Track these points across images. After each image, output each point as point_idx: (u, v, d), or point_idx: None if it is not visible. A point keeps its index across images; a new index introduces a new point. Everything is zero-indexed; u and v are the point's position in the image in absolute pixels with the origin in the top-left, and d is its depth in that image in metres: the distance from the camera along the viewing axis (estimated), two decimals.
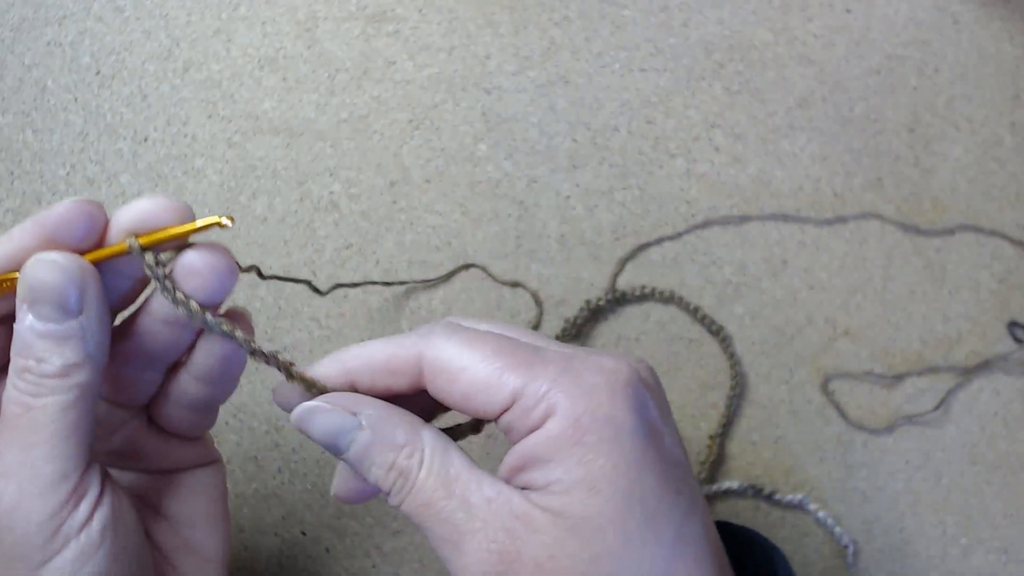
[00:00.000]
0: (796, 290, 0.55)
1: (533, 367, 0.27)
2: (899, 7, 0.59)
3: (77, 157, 0.55)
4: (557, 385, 0.27)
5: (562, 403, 0.27)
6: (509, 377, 0.27)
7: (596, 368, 0.28)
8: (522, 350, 0.28)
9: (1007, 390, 0.54)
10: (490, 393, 0.27)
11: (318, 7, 0.57)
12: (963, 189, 0.57)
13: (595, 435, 0.26)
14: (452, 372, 0.28)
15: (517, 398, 0.27)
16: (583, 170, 0.56)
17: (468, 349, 0.28)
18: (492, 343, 0.28)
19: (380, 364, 0.29)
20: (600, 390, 0.27)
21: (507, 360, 0.28)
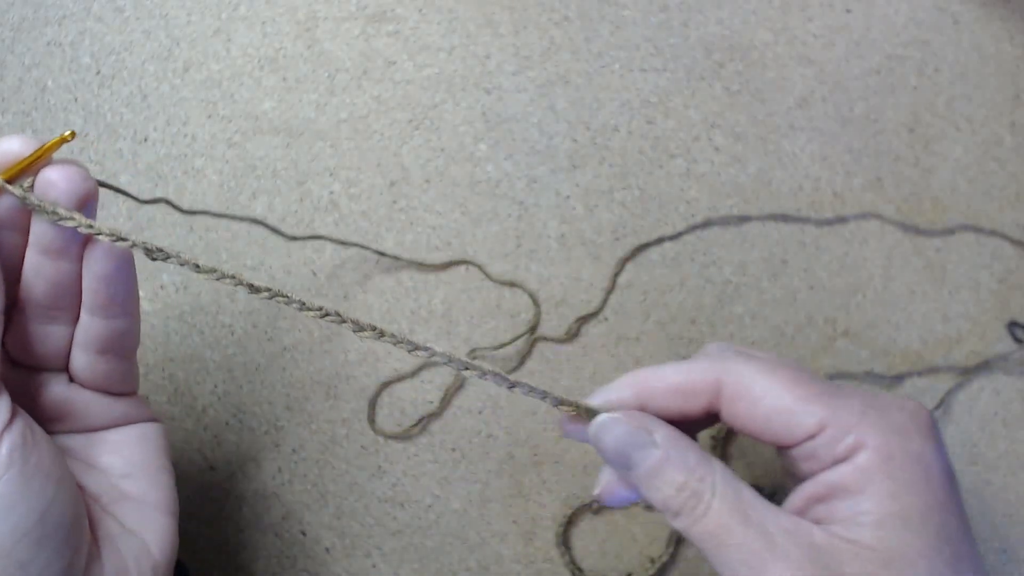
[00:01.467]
0: (796, 290, 0.55)
1: (837, 399, 0.28)
2: (899, 7, 0.59)
3: (77, 157, 0.55)
4: (865, 419, 0.27)
5: (872, 437, 0.27)
6: (815, 407, 0.28)
7: (900, 407, 0.29)
8: (822, 384, 0.29)
9: (1007, 390, 0.54)
10: (795, 420, 0.28)
11: (318, 7, 0.57)
12: (963, 189, 0.57)
13: (907, 471, 0.27)
14: (754, 397, 0.28)
15: (824, 427, 0.27)
16: (583, 170, 0.56)
17: (769, 376, 0.28)
18: (792, 374, 0.29)
19: (676, 387, 0.29)
20: (908, 428, 0.28)
21: (809, 390, 0.28)
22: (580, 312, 0.54)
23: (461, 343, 0.53)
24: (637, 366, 0.53)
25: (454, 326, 0.53)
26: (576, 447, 0.52)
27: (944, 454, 0.29)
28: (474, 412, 0.52)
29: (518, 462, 0.52)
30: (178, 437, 0.51)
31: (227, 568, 0.49)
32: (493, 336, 0.53)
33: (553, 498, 0.51)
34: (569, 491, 0.51)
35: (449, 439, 0.52)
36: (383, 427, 0.52)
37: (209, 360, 0.52)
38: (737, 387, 0.28)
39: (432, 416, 0.52)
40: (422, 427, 0.52)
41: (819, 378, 0.29)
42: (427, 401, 0.52)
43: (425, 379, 0.52)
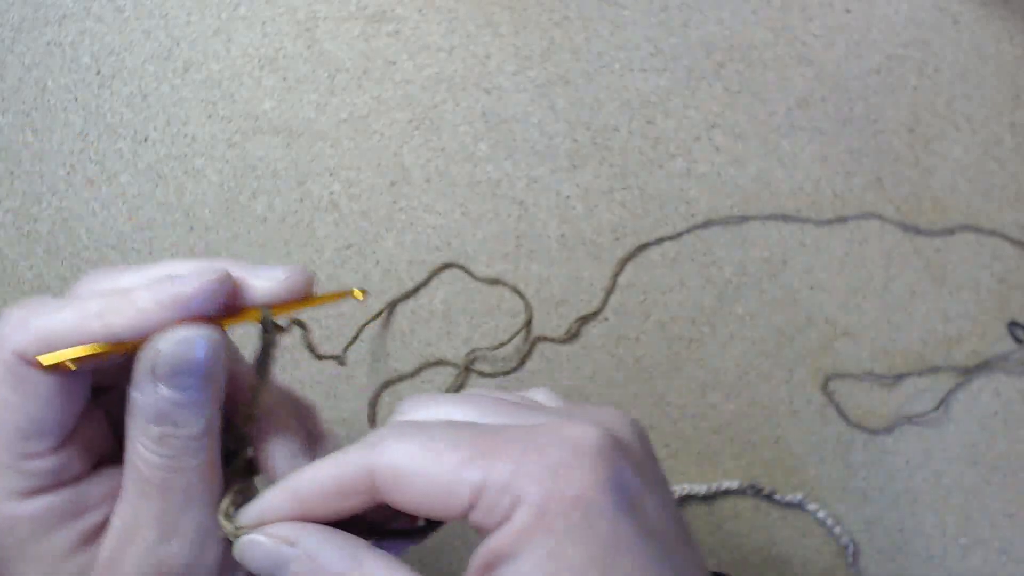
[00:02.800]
0: (796, 290, 0.55)
1: (493, 454, 0.25)
2: (899, 7, 0.59)
3: (77, 157, 0.55)
4: (521, 469, 0.25)
5: (528, 489, 0.24)
6: (468, 472, 0.25)
7: (560, 441, 0.25)
8: (481, 436, 0.26)
9: (1007, 390, 0.54)
10: (451, 495, 0.25)
11: (318, 7, 0.57)
12: (963, 189, 0.57)
13: (563, 521, 0.24)
14: (406, 480, 0.26)
15: (479, 494, 0.25)
16: (583, 170, 0.56)
17: (420, 450, 0.26)
18: (447, 436, 0.26)
19: (330, 489, 0.27)
20: (568, 467, 0.25)
21: (464, 452, 0.25)
22: (580, 312, 0.54)
23: (461, 343, 0.53)
24: (637, 366, 0.53)
25: (454, 326, 0.53)
26: None
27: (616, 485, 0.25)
28: None
29: None
30: None
31: None
32: (493, 336, 0.53)
33: None
34: None
35: None
36: None
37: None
38: (388, 473, 0.26)
39: None
40: None
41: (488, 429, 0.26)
42: None
43: (425, 379, 0.52)
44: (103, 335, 0.26)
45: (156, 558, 0.27)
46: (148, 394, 0.27)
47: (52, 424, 0.27)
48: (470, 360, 0.53)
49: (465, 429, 0.27)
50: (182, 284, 0.27)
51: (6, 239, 0.54)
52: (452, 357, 0.53)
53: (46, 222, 0.54)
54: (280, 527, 0.28)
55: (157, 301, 0.27)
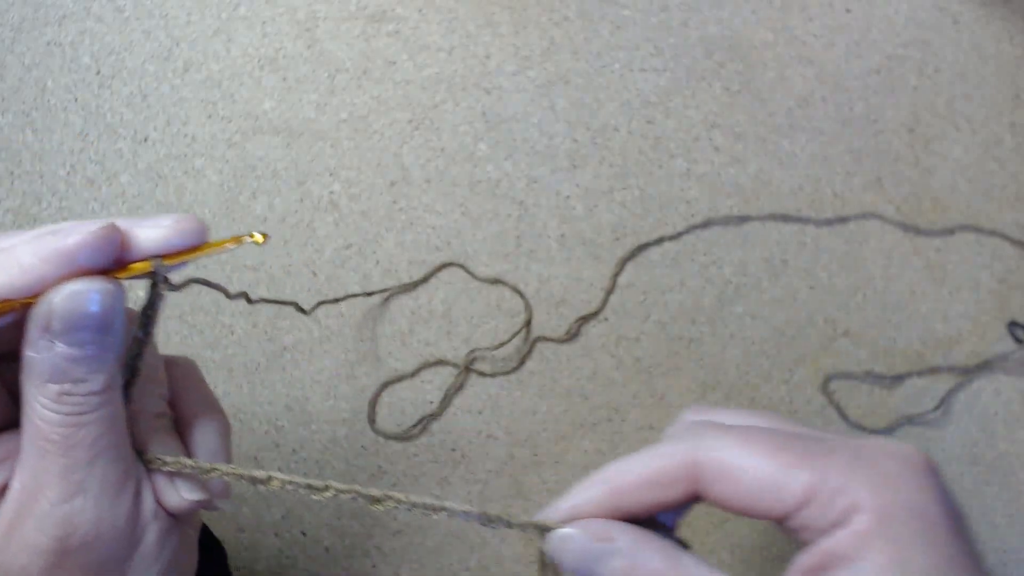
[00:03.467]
0: (796, 290, 0.55)
1: (823, 459, 0.26)
2: (899, 7, 0.59)
3: (77, 157, 0.55)
4: (854, 476, 0.25)
5: (864, 495, 0.25)
6: (799, 473, 0.26)
7: (890, 455, 0.26)
8: (804, 442, 0.27)
9: (1007, 390, 0.54)
10: (781, 491, 0.26)
11: (318, 7, 0.57)
12: (963, 189, 0.57)
13: (906, 529, 0.25)
14: (735, 474, 0.26)
15: (812, 494, 0.25)
16: (583, 170, 0.56)
17: (747, 448, 0.27)
18: (771, 439, 0.27)
19: (650, 478, 0.28)
20: (903, 479, 0.26)
21: (792, 455, 0.26)
22: (580, 312, 0.54)
23: (461, 343, 0.53)
24: (637, 366, 0.53)
25: (454, 326, 0.53)
26: (577, 447, 0.52)
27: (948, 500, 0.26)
28: (474, 412, 0.52)
29: (518, 462, 0.52)
30: None
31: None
32: (493, 336, 0.53)
33: (553, 498, 0.51)
34: None
35: (449, 439, 0.52)
36: (383, 427, 0.51)
37: (209, 360, 0.52)
38: (715, 467, 0.27)
39: (432, 416, 0.52)
40: (422, 427, 0.52)
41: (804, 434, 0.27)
42: (427, 401, 0.52)
43: (425, 379, 0.52)
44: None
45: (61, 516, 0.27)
46: (43, 351, 0.26)
47: None
48: (470, 360, 0.53)
49: (786, 436, 0.27)
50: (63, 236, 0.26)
51: None
52: (452, 357, 0.53)
53: (46, 222, 0.54)
54: (594, 523, 0.28)
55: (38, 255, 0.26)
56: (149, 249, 0.28)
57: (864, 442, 0.27)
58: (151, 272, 0.28)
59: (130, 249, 0.28)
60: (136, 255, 0.28)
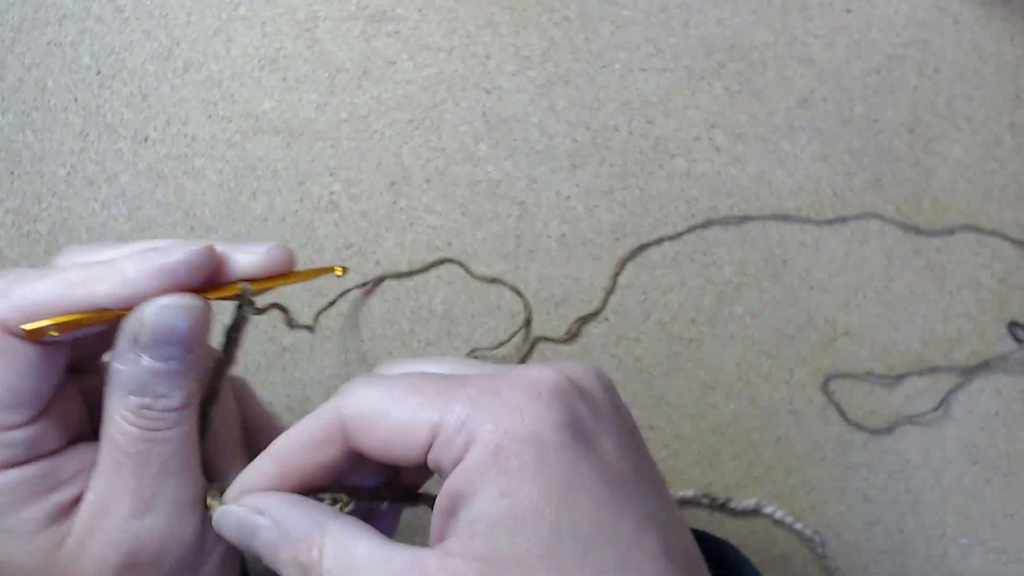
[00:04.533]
0: (796, 290, 0.55)
1: (451, 395, 0.25)
2: (899, 7, 0.59)
3: (77, 157, 0.55)
4: (476, 408, 0.24)
5: (482, 427, 0.24)
6: (425, 412, 0.25)
7: (517, 382, 0.25)
8: (442, 381, 0.26)
9: (1007, 390, 0.54)
10: (410, 434, 0.25)
11: (318, 7, 0.57)
12: (963, 189, 0.57)
13: (517, 459, 0.23)
14: (372, 422, 0.26)
15: (436, 432, 0.25)
16: (583, 170, 0.56)
17: (384, 393, 0.26)
18: (410, 381, 0.26)
19: (306, 441, 0.28)
20: (522, 406, 0.24)
21: (424, 395, 0.25)
22: (580, 312, 0.54)
23: (461, 343, 0.53)
24: (637, 366, 0.53)
25: (454, 326, 0.53)
26: None
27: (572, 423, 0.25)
28: None
29: None
30: None
31: None
32: (493, 336, 0.53)
33: None
34: None
35: None
36: None
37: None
38: (357, 417, 0.26)
39: None
40: None
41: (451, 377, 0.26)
42: None
43: None
44: (86, 303, 0.26)
45: (131, 532, 0.27)
46: (129, 363, 0.27)
47: (30, 395, 0.27)
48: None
49: (429, 377, 0.27)
50: (167, 254, 0.27)
51: (6, 239, 0.54)
52: None
53: (46, 222, 0.54)
54: (252, 498, 0.28)
55: (141, 270, 0.26)
56: (240, 273, 0.29)
57: (505, 372, 0.26)
58: (239, 295, 0.29)
59: (224, 273, 0.29)
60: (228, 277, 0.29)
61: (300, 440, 0.28)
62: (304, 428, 0.28)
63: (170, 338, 0.27)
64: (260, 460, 0.29)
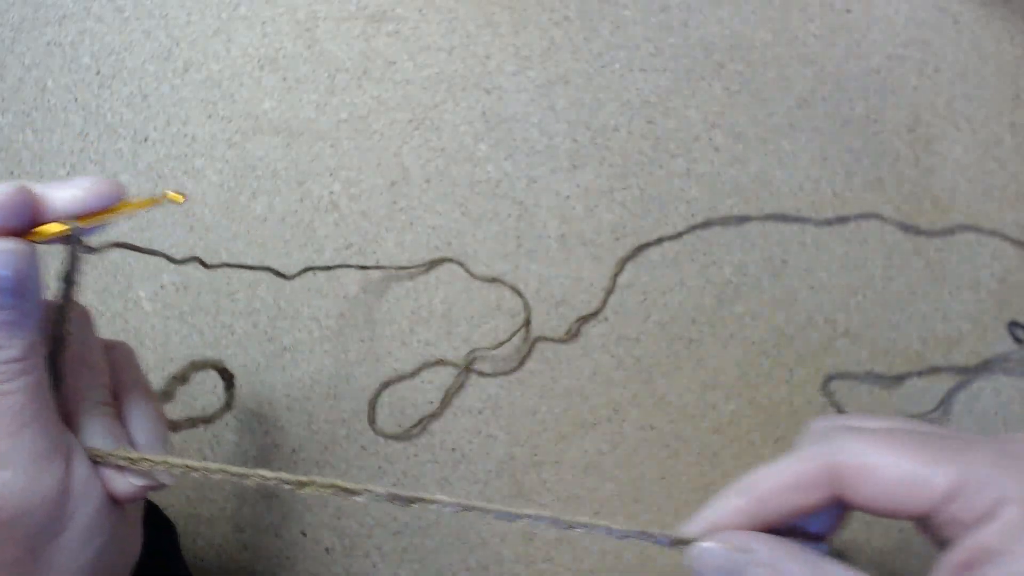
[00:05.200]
0: (796, 290, 0.55)
1: (966, 453, 0.26)
2: (899, 7, 0.59)
3: (77, 157, 0.55)
4: (1001, 469, 0.25)
5: (1012, 487, 0.25)
6: (943, 467, 0.25)
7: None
8: (945, 439, 0.26)
9: (1007, 390, 0.54)
10: (925, 487, 0.25)
11: (318, 7, 0.57)
12: (963, 189, 0.57)
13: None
14: (875, 473, 0.26)
15: (958, 487, 0.25)
16: (583, 170, 0.56)
17: (886, 446, 0.26)
18: (909, 437, 0.27)
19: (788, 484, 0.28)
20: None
21: (934, 450, 0.26)
22: (580, 312, 0.54)
23: (461, 343, 0.53)
24: (637, 366, 0.53)
25: (454, 326, 0.53)
26: (577, 447, 0.52)
27: None
28: (474, 412, 0.52)
29: (518, 462, 0.52)
30: (178, 437, 0.51)
31: (227, 568, 0.49)
32: (493, 336, 0.53)
33: (553, 498, 0.51)
34: (569, 491, 0.51)
35: (449, 439, 0.52)
36: (383, 427, 0.51)
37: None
38: (855, 467, 0.26)
39: (432, 416, 0.52)
40: (422, 427, 0.52)
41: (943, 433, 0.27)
42: (427, 401, 0.52)
43: (425, 379, 0.52)
44: None
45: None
46: None
47: None
48: (470, 360, 0.53)
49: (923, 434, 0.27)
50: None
51: None
52: (452, 357, 0.53)
53: None
54: (734, 535, 0.28)
55: None
56: (64, 211, 0.27)
57: (1008, 437, 0.27)
58: (67, 235, 0.27)
59: (45, 212, 0.27)
60: (52, 218, 0.27)
61: (782, 482, 0.28)
62: (787, 470, 0.28)
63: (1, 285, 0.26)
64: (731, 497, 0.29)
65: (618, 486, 0.52)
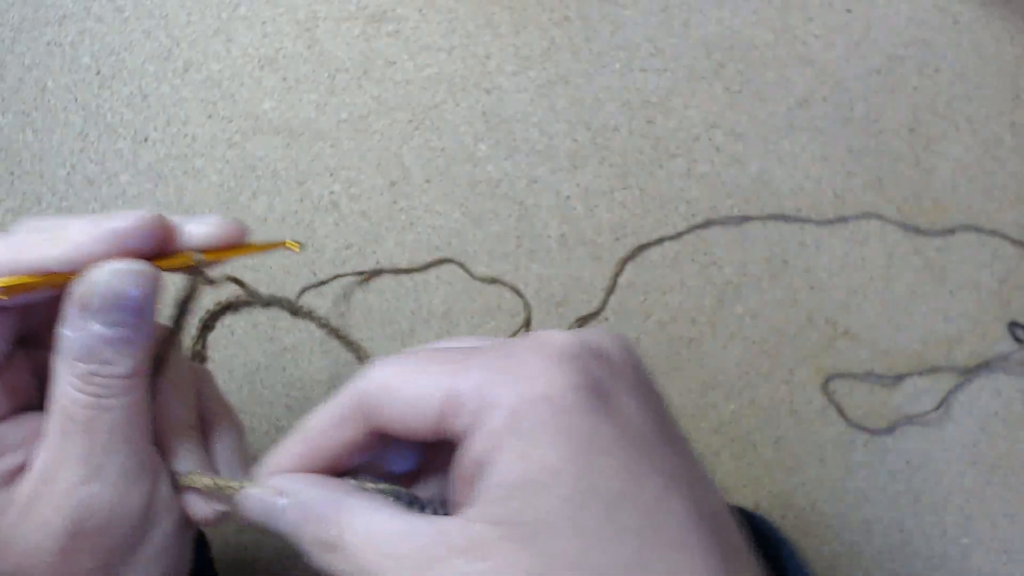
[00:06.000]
0: (796, 290, 0.55)
1: (464, 363, 0.25)
2: (899, 7, 0.59)
3: (77, 157, 0.55)
4: (490, 374, 0.24)
5: (498, 392, 0.24)
6: (441, 379, 0.25)
7: (531, 347, 0.25)
8: (456, 352, 0.26)
9: (1007, 390, 0.54)
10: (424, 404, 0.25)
11: (318, 7, 0.57)
12: (963, 189, 0.57)
13: (532, 420, 0.23)
14: (388, 398, 0.25)
15: (451, 399, 0.24)
16: (583, 170, 0.56)
17: (400, 368, 0.26)
18: (425, 354, 0.26)
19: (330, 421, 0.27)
20: (536, 369, 0.24)
21: (440, 365, 0.25)
22: (580, 312, 0.54)
23: None
24: None
25: (454, 326, 0.53)
26: None
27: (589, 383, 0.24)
28: None
29: None
30: None
31: (227, 568, 0.49)
32: (493, 336, 0.53)
33: None
34: None
35: None
36: None
37: (209, 360, 0.52)
38: (376, 392, 0.26)
39: None
40: None
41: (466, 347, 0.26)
42: None
43: None
44: (35, 267, 0.26)
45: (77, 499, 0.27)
46: (78, 329, 0.26)
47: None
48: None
49: (445, 349, 0.26)
50: (118, 219, 0.27)
51: None
52: None
53: None
54: (275, 479, 0.28)
55: (91, 234, 0.26)
56: (192, 243, 0.29)
57: (517, 340, 0.26)
58: (191, 265, 0.29)
59: (174, 242, 0.29)
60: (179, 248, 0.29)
61: (323, 420, 0.28)
62: (327, 409, 0.28)
63: (120, 304, 0.26)
64: (287, 441, 0.28)
65: None
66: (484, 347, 0.26)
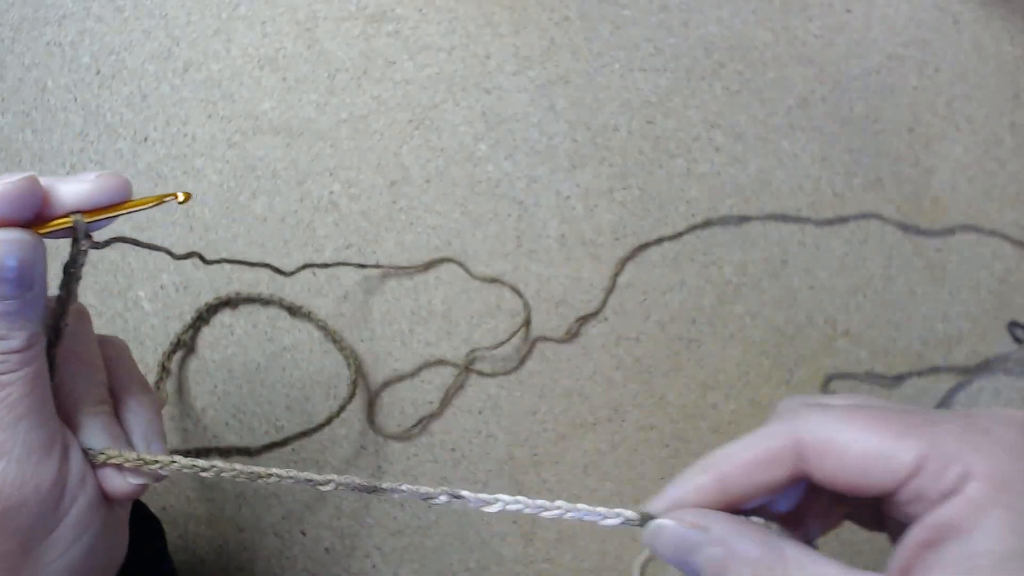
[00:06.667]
0: (796, 290, 0.55)
1: (931, 428, 0.25)
2: (899, 7, 0.59)
3: (77, 157, 0.55)
4: (967, 444, 0.24)
5: (978, 462, 0.24)
6: (908, 442, 0.25)
7: (1003, 421, 0.25)
8: (910, 415, 0.26)
9: (1007, 390, 0.54)
10: (889, 462, 0.25)
11: (318, 7, 0.57)
12: (963, 189, 0.57)
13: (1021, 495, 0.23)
14: (841, 448, 0.25)
15: (923, 462, 0.24)
16: (583, 170, 0.56)
17: (850, 422, 0.26)
18: (874, 413, 0.26)
19: (753, 461, 0.27)
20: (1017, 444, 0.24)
21: (899, 426, 0.25)
22: (580, 312, 0.54)
23: (461, 343, 0.53)
24: (637, 366, 0.53)
25: (454, 326, 0.53)
26: (576, 447, 0.52)
27: None
28: (474, 412, 0.52)
29: (518, 462, 0.52)
30: (178, 437, 0.51)
31: (227, 568, 0.49)
32: (493, 336, 0.53)
33: (553, 498, 0.51)
34: (569, 491, 0.51)
35: (449, 439, 0.52)
36: (383, 427, 0.51)
37: (209, 360, 0.52)
38: (820, 443, 0.26)
39: (432, 416, 0.52)
40: (422, 427, 0.52)
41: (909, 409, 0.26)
42: (427, 401, 0.52)
43: (425, 379, 0.52)
44: None
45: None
46: None
47: None
48: (470, 360, 0.53)
49: (890, 410, 0.26)
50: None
51: None
52: (452, 357, 0.53)
53: None
54: (692, 514, 0.27)
55: None
56: (71, 204, 0.27)
57: (975, 412, 0.26)
58: (72, 227, 0.27)
59: (52, 205, 0.27)
60: (58, 211, 0.27)
61: (746, 459, 0.27)
62: (752, 447, 0.27)
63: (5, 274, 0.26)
64: (696, 474, 0.28)
65: (618, 486, 0.52)
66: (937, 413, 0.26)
